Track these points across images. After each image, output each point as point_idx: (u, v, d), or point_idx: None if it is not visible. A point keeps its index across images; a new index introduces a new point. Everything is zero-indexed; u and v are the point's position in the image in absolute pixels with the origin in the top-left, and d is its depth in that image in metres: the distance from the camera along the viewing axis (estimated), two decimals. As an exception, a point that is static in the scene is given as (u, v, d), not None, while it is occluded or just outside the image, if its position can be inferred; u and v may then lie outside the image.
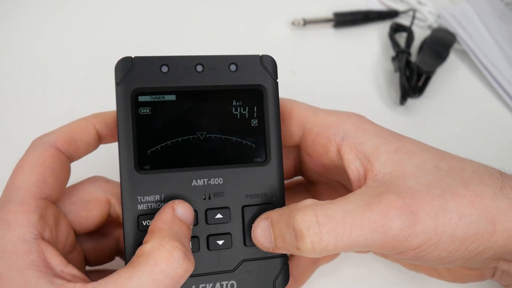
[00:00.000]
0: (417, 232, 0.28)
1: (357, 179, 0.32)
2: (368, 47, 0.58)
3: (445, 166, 0.30)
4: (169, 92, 0.32)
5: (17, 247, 0.27)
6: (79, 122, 0.32)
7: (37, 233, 0.28)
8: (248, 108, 0.33)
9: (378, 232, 0.28)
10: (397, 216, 0.28)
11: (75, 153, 0.32)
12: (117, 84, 0.31)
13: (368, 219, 0.28)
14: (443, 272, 0.36)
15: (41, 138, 0.31)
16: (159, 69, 0.32)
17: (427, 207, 0.28)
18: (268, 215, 0.31)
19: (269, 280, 0.33)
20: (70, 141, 0.31)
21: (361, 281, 0.41)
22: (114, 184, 0.34)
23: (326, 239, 0.28)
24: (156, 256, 0.27)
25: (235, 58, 0.33)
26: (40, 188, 0.29)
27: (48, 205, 0.30)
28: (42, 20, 0.54)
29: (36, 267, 0.27)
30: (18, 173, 0.30)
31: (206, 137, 0.32)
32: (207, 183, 0.32)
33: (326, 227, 0.28)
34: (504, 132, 0.53)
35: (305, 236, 0.28)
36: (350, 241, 0.28)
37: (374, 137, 0.32)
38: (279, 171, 0.33)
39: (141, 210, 0.31)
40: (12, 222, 0.27)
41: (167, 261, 0.27)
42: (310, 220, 0.28)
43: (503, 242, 0.29)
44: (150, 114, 0.32)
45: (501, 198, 0.29)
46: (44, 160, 0.30)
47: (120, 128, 0.31)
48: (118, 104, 0.31)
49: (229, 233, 0.32)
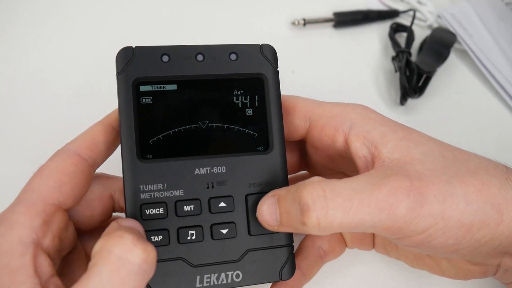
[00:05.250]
0: (424, 214, 0.28)
1: (364, 167, 0.32)
2: (368, 47, 0.58)
3: (450, 155, 0.30)
4: (170, 81, 0.32)
5: (14, 248, 0.27)
6: (97, 126, 0.32)
7: (36, 237, 0.27)
8: (249, 97, 0.33)
9: (385, 211, 0.28)
10: (404, 196, 0.28)
11: (98, 157, 0.32)
12: (118, 74, 0.31)
13: (376, 198, 0.28)
14: (446, 268, 0.35)
15: (65, 147, 0.31)
16: (160, 59, 0.32)
17: (435, 190, 0.28)
18: (275, 193, 0.31)
19: (275, 270, 0.32)
20: (93, 146, 0.31)
21: (365, 280, 0.41)
22: (116, 179, 0.34)
23: (332, 214, 0.27)
24: (108, 246, 0.25)
25: (235, 47, 0.33)
26: (53, 193, 0.29)
27: (58, 211, 0.29)
28: (42, 20, 0.54)
29: (26, 271, 0.26)
30: (36, 177, 0.30)
31: (208, 126, 0.32)
32: (210, 172, 0.32)
33: (333, 201, 0.28)
34: (505, 132, 0.53)
35: (311, 209, 0.28)
36: (357, 218, 0.28)
37: (381, 126, 0.32)
38: (282, 159, 0.33)
39: (144, 199, 0.31)
40: (15, 223, 0.27)
41: (120, 245, 0.25)
42: (317, 194, 0.28)
43: (509, 233, 0.29)
44: (151, 103, 0.32)
45: (507, 189, 0.29)
46: (65, 167, 0.30)
47: (121, 118, 0.31)
48: (119, 94, 0.31)
49: (233, 222, 0.32)
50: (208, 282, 0.31)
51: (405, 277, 0.41)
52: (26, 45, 0.52)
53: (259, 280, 0.32)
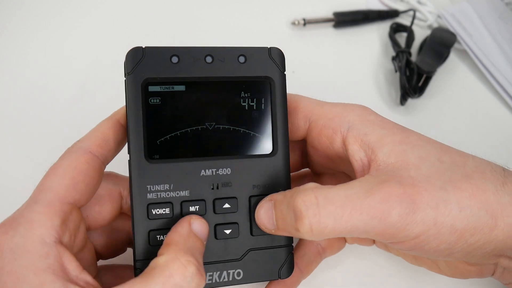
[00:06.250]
0: (416, 220, 0.28)
1: (361, 169, 0.32)
2: (368, 47, 0.58)
3: (448, 159, 0.31)
4: (179, 82, 0.32)
5: (36, 248, 0.27)
6: (105, 123, 0.32)
7: (57, 236, 0.28)
8: (256, 100, 0.33)
9: (377, 218, 0.28)
10: (397, 203, 0.28)
11: (109, 154, 0.32)
12: (128, 74, 0.31)
13: (368, 205, 0.28)
14: (443, 266, 0.36)
15: (75, 145, 0.31)
16: (170, 60, 0.32)
17: (428, 197, 0.28)
18: (272, 197, 0.32)
19: (274, 269, 0.33)
20: (103, 143, 0.31)
21: (364, 274, 0.41)
22: (124, 178, 0.34)
23: (324, 221, 0.28)
24: (171, 269, 0.27)
25: (244, 49, 0.33)
26: (69, 192, 0.29)
27: (73, 209, 0.29)
28: (43, 19, 0.54)
29: (53, 270, 0.27)
30: (50, 176, 0.30)
31: (215, 128, 0.33)
32: (215, 173, 0.32)
33: (325, 209, 0.28)
34: (505, 132, 0.53)
35: (303, 216, 0.28)
36: (349, 225, 0.28)
37: (379, 128, 0.32)
38: (286, 163, 0.34)
39: (150, 199, 0.31)
40: (35, 222, 0.27)
41: (181, 274, 0.27)
42: (310, 202, 0.28)
43: (504, 237, 0.29)
44: (160, 104, 0.32)
45: (503, 193, 0.29)
46: (78, 165, 0.30)
47: (130, 118, 0.31)
48: (128, 94, 0.31)
49: (236, 223, 0.33)
50: (211, 280, 0.32)
51: (405, 274, 0.41)
52: (26, 45, 0.52)
53: (259, 278, 0.33)
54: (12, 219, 0.28)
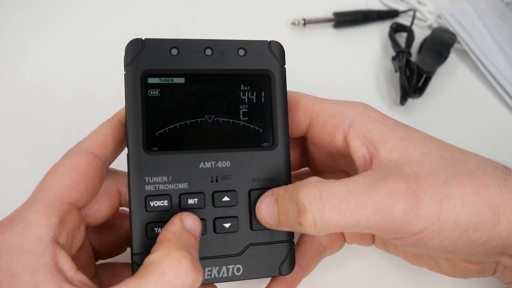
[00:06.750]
0: (420, 215, 0.28)
1: (363, 166, 0.32)
2: (368, 47, 0.58)
3: (449, 156, 0.30)
4: (178, 74, 0.32)
5: (33, 247, 0.27)
6: (107, 123, 0.32)
7: (54, 235, 0.27)
8: (255, 93, 0.33)
9: (381, 213, 0.28)
10: (401, 198, 0.28)
11: (110, 155, 0.32)
12: (127, 65, 0.31)
13: (372, 199, 0.28)
14: (444, 266, 0.36)
15: (77, 145, 0.31)
16: (169, 52, 0.32)
17: (431, 192, 0.28)
18: (273, 192, 0.31)
19: (275, 265, 0.33)
20: (104, 144, 0.31)
21: (364, 275, 0.41)
22: (123, 173, 0.34)
23: (327, 215, 0.28)
24: (163, 265, 0.26)
25: (244, 42, 0.34)
26: (69, 192, 0.29)
27: (73, 210, 0.29)
28: (43, 19, 0.54)
29: (48, 269, 0.26)
30: (50, 175, 0.30)
31: (214, 120, 0.32)
32: (215, 166, 0.32)
33: (329, 203, 0.28)
34: (505, 132, 0.53)
35: (307, 210, 0.28)
36: (353, 219, 0.28)
37: (380, 125, 0.32)
38: (286, 156, 0.33)
39: (148, 191, 0.31)
40: (33, 222, 0.27)
41: (175, 270, 0.26)
42: (313, 195, 0.28)
43: (506, 234, 0.29)
44: (159, 96, 0.32)
45: (505, 190, 0.29)
46: (78, 165, 0.30)
47: (129, 110, 0.31)
48: (127, 86, 0.31)
49: (235, 216, 0.32)
50: (209, 275, 0.32)
51: (404, 274, 0.41)
52: (26, 45, 0.52)
53: (259, 275, 0.33)
54: (10, 218, 0.28)
